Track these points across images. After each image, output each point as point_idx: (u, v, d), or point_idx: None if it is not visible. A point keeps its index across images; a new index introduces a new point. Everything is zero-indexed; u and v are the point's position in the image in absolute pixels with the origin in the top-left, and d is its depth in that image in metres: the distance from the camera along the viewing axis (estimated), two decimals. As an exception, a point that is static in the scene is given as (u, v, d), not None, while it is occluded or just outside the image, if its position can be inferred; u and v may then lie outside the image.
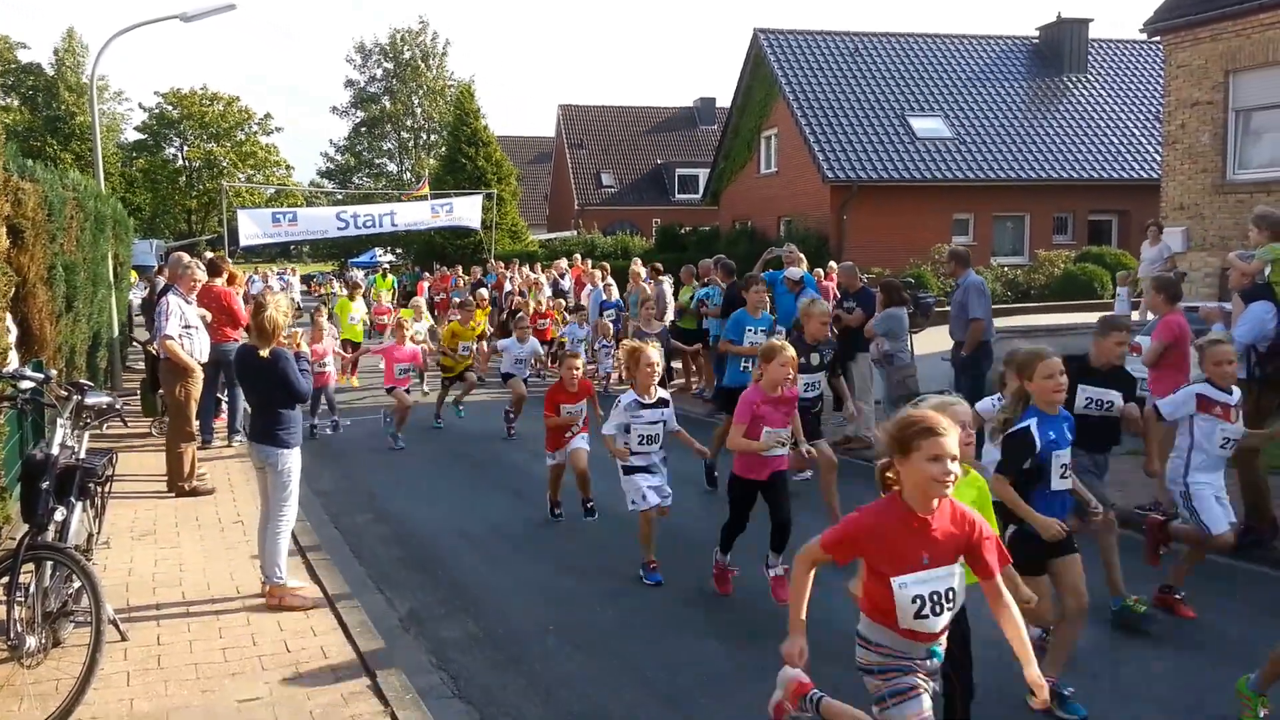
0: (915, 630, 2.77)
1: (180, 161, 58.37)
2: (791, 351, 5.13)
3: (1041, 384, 3.95)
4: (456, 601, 5.36)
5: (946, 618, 2.80)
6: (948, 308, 9.63)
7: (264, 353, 5.00)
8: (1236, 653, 4.60)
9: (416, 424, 11.28)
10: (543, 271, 19.12)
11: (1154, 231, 13.15)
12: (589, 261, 19.15)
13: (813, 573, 2.94)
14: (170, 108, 57.42)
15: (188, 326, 7.81)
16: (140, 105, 70.79)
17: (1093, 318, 14.66)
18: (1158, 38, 13.61)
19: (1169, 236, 12.94)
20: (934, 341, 12.98)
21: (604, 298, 14.67)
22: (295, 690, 4.19)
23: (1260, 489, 6.01)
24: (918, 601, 2.73)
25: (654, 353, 5.59)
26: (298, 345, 5.28)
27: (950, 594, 2.77)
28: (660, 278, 14.45)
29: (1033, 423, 3.93)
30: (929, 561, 2.73)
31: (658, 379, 5.60)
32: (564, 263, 18.92)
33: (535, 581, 5.68)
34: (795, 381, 5.38)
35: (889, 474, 2.82)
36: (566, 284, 17.30)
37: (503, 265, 21.08)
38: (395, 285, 21.31)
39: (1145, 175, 21.60)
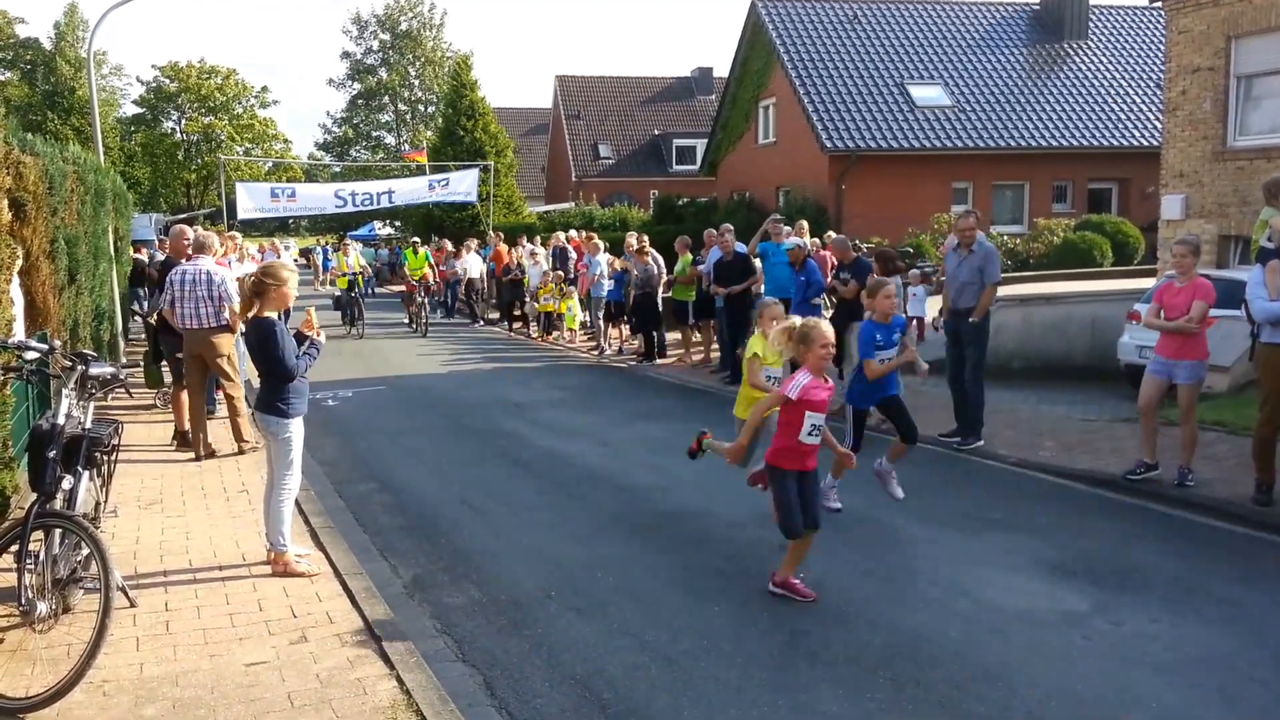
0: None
1: (178, 135, 57.99)
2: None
3: None
4: (459, 568, 5.43)
5: None
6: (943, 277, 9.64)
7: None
8: (1237, 618, 4.69)
9: (419, 392, 11.34)
10: (541, 244, 19.07)
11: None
12: (583, 232, 19.12)
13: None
14: (168, 81, 57.00)
15: None
16: (138, 79, 70.34)
17: (1092, 286, 14.62)
18: (1159, 3, 13.47)
19: (1168, 204, 12.89)
20: (927, 310, 12.99)
21: (601, 269, 14.67)
22: (302, 654, 4.26)
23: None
24: None
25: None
26: (313, 327, 5.19)
27: None
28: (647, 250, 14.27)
29: None
30: None
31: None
32: (562, 235, 18.87)
33: (537, 548, 5.76)
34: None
35: None
36: (570, 255, 17.29)
37: (500, 237, 21.01)
38: (429, 259, 19.77)
39: (1145, 143, 21.47)
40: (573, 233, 19.53)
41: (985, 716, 3.75)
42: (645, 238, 14.42)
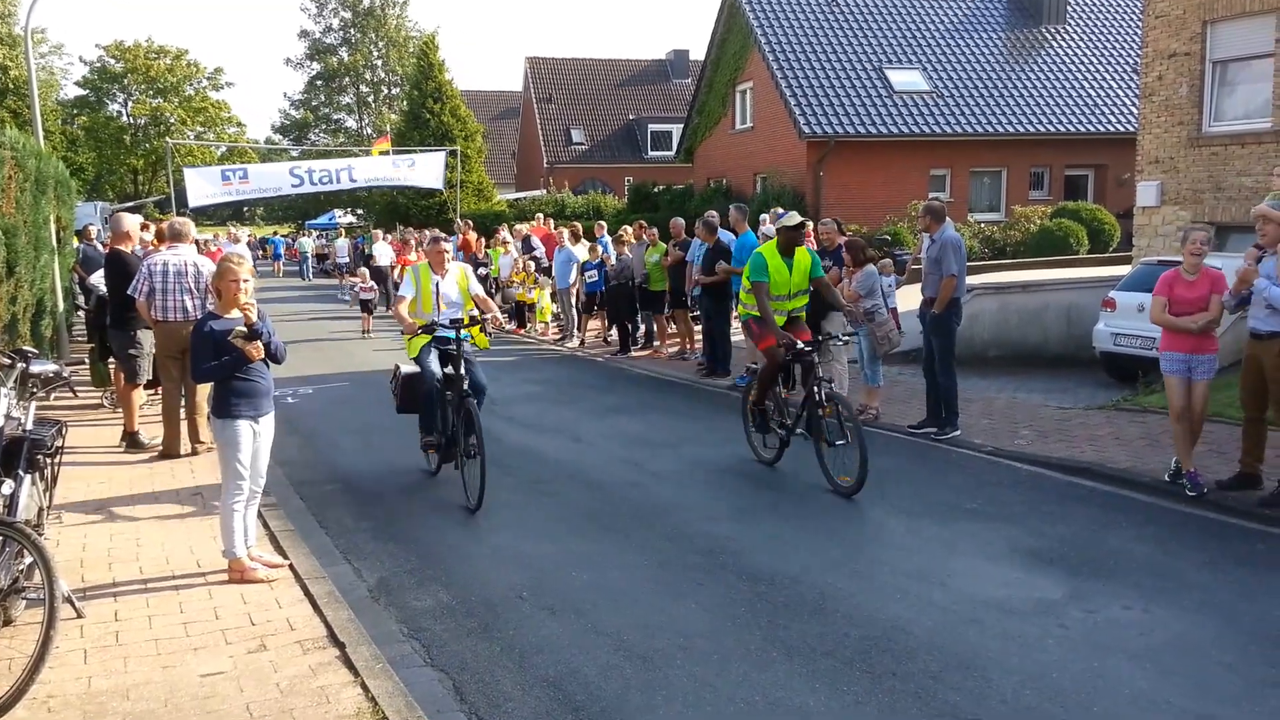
0: None
1: (125, 119, 55.61)
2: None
3: None
4: (427, 570, 5.27)
5: None
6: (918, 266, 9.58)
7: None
8: (1210, 604, 4.66)
9: (382, 388, 11.08)
10: (510, 232, 18.69)
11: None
12: (551, 221, 18.71)
13: None
14: (113, 61, 54.53)
15: None
16: (81, 59, 67.18)
17: (1068, 273, 14.64)
18: (1135, -13, 13.49)
19: (1143, 191, 12.92)
20: (905, 299, 12.92)
21: (578, 259, 14.45)
22: (261, 663, 4.10)
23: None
24: None
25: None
26: (246, 312, 4.94)
27: None
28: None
29: None
30: None
31: None
32: (523, 226, 18.51)
33: (507, 548, 5.61)
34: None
35: None
36: (536, 245, 16.95)
37: (469, 225, 20.57)
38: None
39: (1122, 129, 21.59)
40: (540, 219, 19.14)
41: (960, 705, 3.72)
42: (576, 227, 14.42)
